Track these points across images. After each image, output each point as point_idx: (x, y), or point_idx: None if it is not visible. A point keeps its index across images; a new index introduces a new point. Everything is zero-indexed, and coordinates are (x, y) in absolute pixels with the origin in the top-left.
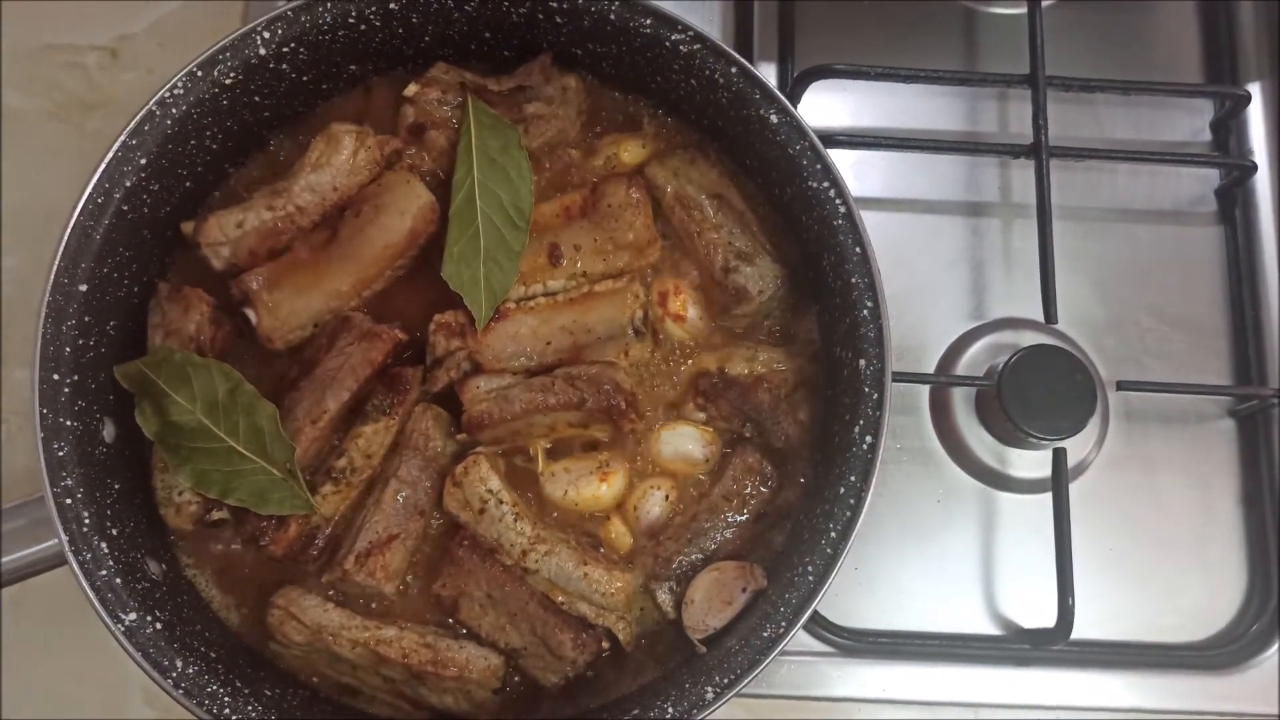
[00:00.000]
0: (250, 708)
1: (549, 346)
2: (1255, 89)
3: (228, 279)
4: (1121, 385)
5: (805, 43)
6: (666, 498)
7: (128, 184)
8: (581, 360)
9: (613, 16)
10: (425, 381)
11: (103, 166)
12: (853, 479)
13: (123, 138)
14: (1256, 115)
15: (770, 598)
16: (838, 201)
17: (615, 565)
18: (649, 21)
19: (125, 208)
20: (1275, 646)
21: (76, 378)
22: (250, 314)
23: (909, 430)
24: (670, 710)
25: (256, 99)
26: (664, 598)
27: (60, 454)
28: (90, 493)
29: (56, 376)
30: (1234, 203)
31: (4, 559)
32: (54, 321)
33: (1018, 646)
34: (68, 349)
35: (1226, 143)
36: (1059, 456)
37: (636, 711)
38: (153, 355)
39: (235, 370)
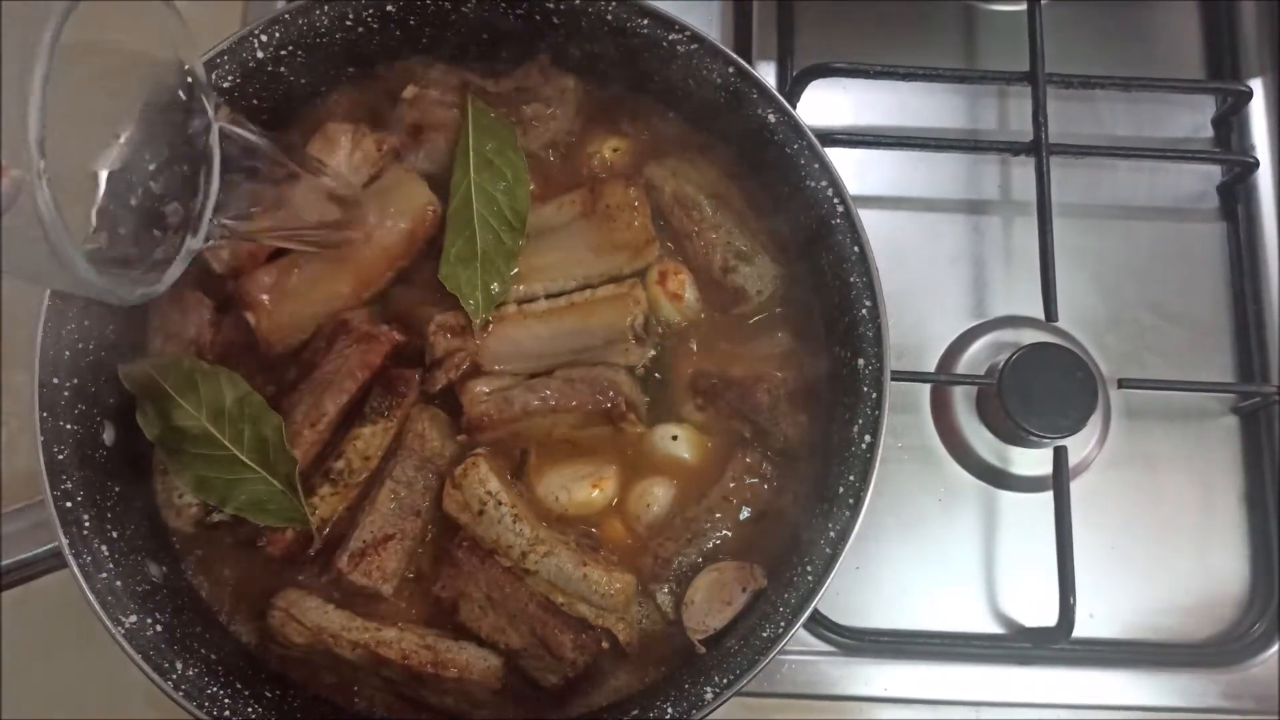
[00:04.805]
0: (250, 709)
1: (549, 349)
2: (1257, 85)
3: (227, 281)
4: (1123, 383)
5: (804, 41)
6: (667, 498)
7: None
8: (581, 363)
9: (610, 17)
10: (424, 383)
11: None
12: (852, 478)
13: None
14: (1258, 111)
15: (770, 597)
16: (835, 201)
17: (615, 566)
18: (646, 22)
19: None
20: (1277, 645)
21: (76, 381)
22: (250, 317)
23: (910, 429)
24: (670, 710)
25: (255, 101)
26: (664, 598)
27: (60, 457)
28: (90, 496)
29: (56, 380)
30: (1236, 199)
31: (5, 562)
32: (54, 325)
33: (1019, 645)
34: (68, 352)
35: (1228, 139)
36: (1060, 454)
37: (636, 711)
38: (161, 360)
39: (243, 379)
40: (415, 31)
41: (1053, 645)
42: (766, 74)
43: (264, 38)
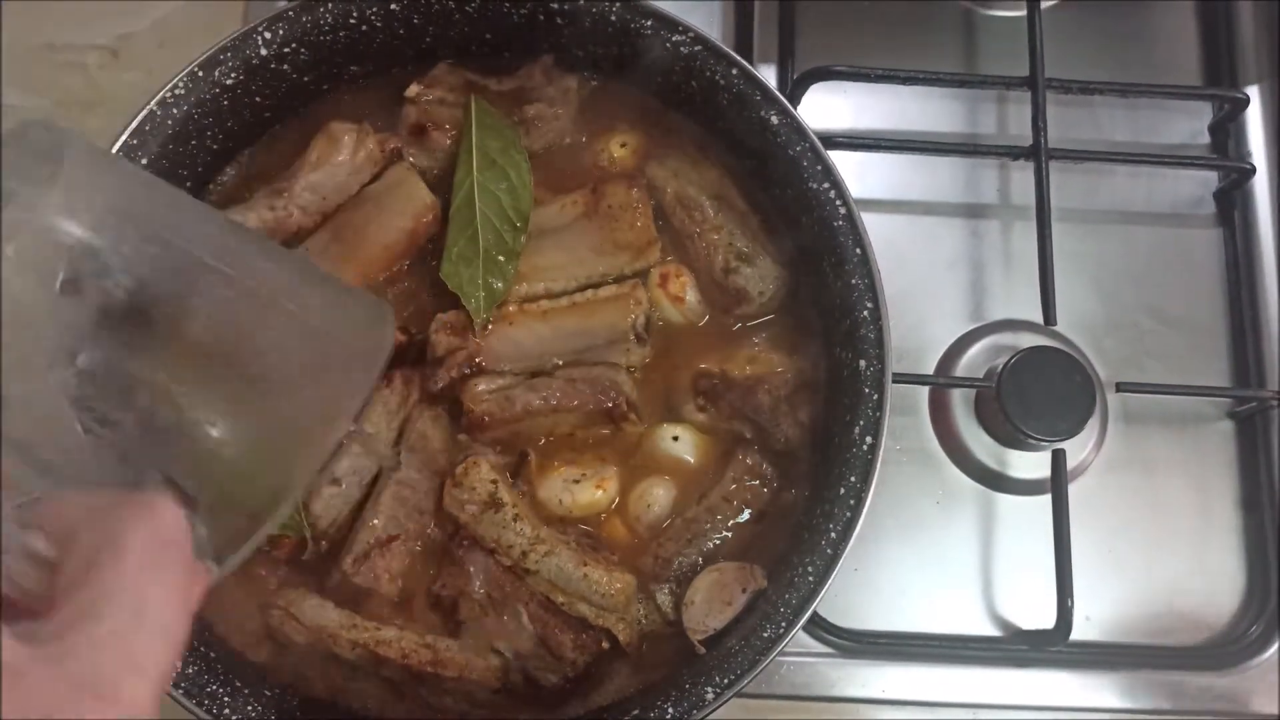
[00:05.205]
0: (250, 708)
1: (550, 348)
2: (1254, 92)
3: None
4: (1120, 387)
5: (805, 44)
6: (667, 499)
7: None
8: (583, 362)
9: (613, 18)
10: (426, 381)
11: None
12: (853, 480)
13: (124, 138)
14: (1255, 118)
15: (770, 598)
16: (838, 203)
17: (615, 566)
18: (650, 23)
19: None
20: (1274, 647)
21: None
22: None
23: (908, 431)
24: (670, 710)
25: (258, 99)
26: (664, 599)
27: None
28: None
29: None
30: (1233, 205)
31: None
32: None
33: (1017, 648)
34: None
35: (1225, 145)
36: (1058, 458)
37: (637, 711)
38: None
39: None
40: (419, 30)
41: (1050, 648)
42: (767, 76)
43: (267, 35)
